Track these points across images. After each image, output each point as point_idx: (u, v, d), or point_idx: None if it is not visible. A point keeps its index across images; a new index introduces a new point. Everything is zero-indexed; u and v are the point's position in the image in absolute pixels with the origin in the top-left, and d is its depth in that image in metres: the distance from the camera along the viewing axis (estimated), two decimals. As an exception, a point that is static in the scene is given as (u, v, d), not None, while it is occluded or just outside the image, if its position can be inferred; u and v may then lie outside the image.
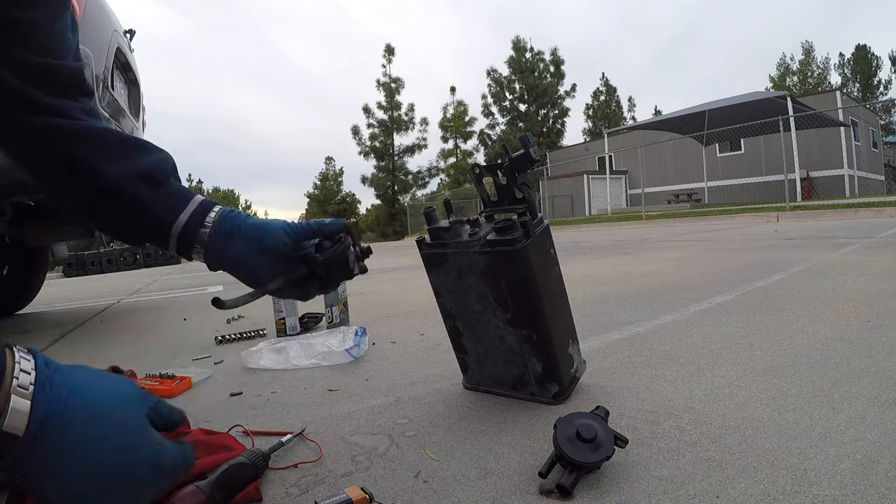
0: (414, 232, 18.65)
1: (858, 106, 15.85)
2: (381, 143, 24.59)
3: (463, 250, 0.77)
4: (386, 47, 24.16)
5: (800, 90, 27.97)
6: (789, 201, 8.39)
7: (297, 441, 0.73)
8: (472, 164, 0.81)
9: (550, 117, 26.15)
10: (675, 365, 0.97)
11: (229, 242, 0.61)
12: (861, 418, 0.67)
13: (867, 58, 29.86)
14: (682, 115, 13.73)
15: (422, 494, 0.57)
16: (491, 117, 26.08)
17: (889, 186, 16.74)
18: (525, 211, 0.77)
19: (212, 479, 0.54)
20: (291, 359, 1.16)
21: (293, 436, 0.72)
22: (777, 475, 0.55)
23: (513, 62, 25.56)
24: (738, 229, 5.83)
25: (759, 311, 1.39)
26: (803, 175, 13.07)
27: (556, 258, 0.82)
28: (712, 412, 0.73)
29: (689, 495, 0.52)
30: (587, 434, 0.57)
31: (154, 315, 2.38)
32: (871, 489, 0.50)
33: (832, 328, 1.15)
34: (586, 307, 1.64)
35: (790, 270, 2.13)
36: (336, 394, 0.95)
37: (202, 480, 0.53)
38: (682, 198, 14.30)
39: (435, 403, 0.85)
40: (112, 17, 1.90)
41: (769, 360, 0.95)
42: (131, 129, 1.98)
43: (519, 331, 0.78)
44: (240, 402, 0.94)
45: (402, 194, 25.40)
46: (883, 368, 0.86)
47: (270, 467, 0.64)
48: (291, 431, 0.74)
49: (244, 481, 0.57)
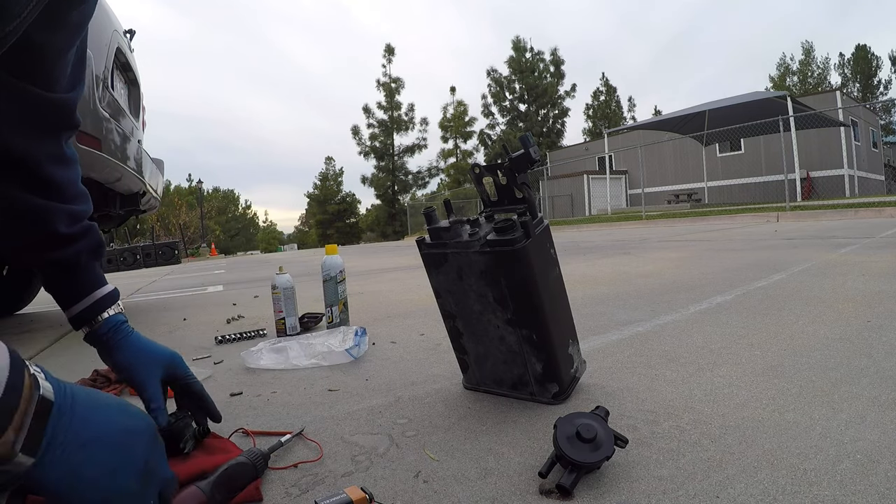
0: (414, 232, 18.65)
1: (858, 106, 15.84)
2: (381, 143, 24.60)
3: (463, 250, 0.77)
4: (386, 47, 24.21)
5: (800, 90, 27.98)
6: (789, 201, 8.38)
7: (297, 441, 0.73)
8: (472, 164, 0.81)
9: (550, 117, 26.15)
10: (675, 365, 0.97)
11: (114, 351, 0.66)
12: (861, 418, 0.67)
13: (867, 58, 29.86)
14: (682, 115, 13.73)
15: (422, 494, 0.57)
16: (491, 117, 26.11)
17: (889, 186, 16.74)
18: (525, 211, 0.77)
19: (212, 479, 0.54)
20: (291, 359, 1.16)
21: (292, 436, 0.72)
22: (777, 475, 0.55)
23: (513, 62, 25.56)
24: (738, 229, 5.83)
25: (759, 311, 1.39)
26: (803, 175, 13.07)
27: (556, 258, 0.82)
28: (712, 412, 0.73)
29: (689, 495, 0.52)
30: (587, 434, 0.57)
31: (154, 315, 2.38)
32: (871, 489, 0.50)
33: (832, 328, 1.15)
34: (586, 307, 1.64)
35: (790, 270, 2.13)
36: (336, 394, 0.95)
37: (202, 481, 0.53)
38: (682, 198, 14.29)
39: (435, 403, 0.85)
40: (112, 17, 1.90)
41: (769, 360, 0.95)
42: (131, 129, 1.98)
43: (519, 331, 0.78)
44: (240, 402, 0.94)
45: (402, 194, 25.41)
46: (883, 368, 0.86)
47: (270, 467, 0.64)
48: (291, 431, 0.74)
49: (244, 481, 0.57)
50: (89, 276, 0.67)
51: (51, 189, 0.61)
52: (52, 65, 0.55)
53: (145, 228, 18.57)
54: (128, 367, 0.65)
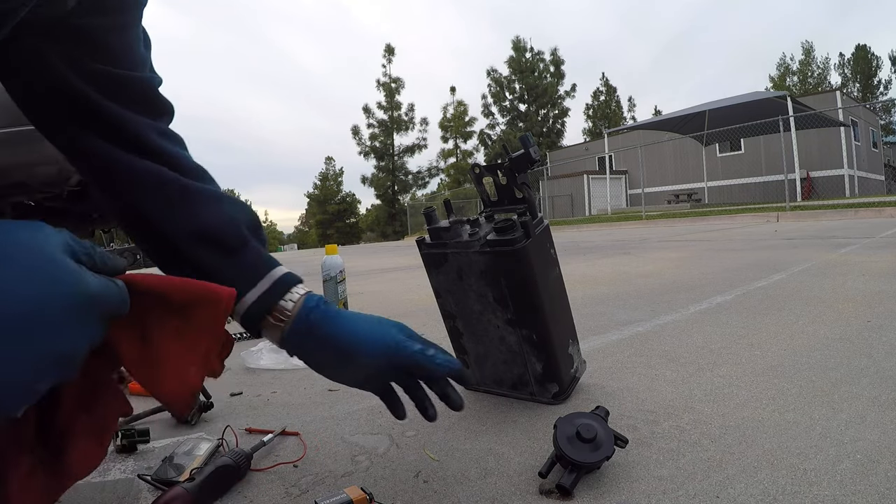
0: (414, 232, 18.65)
1: (858, 106, 15.84)
2: (381, 143, 24.59)
3: (463, 250, 0.77)
4: (386, 47, 24.19)
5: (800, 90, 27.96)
6: (789, 201, 8.38)
7: (295, 440, 0.74)
8: (472, 164, 0.81)
9: (550, 117, 26.15)
10: (675, 365, 0.97)
11: (307, 342, 0.53)
12: (861, 418, 0.67)
13: (867, 58, 29.84)
14: (682, 115, 13.73)
15: (422, 494, 0.57)
16: (491, 117, 26.09)
17: (889, 186, 16.73)
18: (525, 211, 0.77)
19: (198, 480, 0.55)
20: (291, 359, 1.16)
21: (273, 435, 0.73)
22: (777, 475, 0.55)
23: (513, 62, 25.55)
24: (738, 229, 5.83)
25: (759, 311, 1.39)
26: (803, 175, 13.07)
27: (556, 258, 0.82)
28: (712, 412, 0.73)
29: (689, 495, 0.52)
30: (587, 434, 0.57)
31: (154, 315, 2.38)
32: (871, 489, 0.50)
33: (832, 328, 1.15)
34: (586, 307, 1.64)
35: (790, 270, 2.13)
36: (336, 394, 0.95)
37: (189, 482, 0.54)
38: (682, 198, 14.29)
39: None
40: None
41: (769, 360, 0.95)
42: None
43: (519, 331, 0.78)
44: (240, 401, 0.94)
45: (402, 194, 25.40)
46: (883, 368, 0.86)
47: (253, 468, 0.64)
48: (297, 432, 0.75)
49: (230, 482, 0.59)
50: (258, 254, 0.54)
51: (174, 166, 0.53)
52: (119, 43, 0.51)
53: (145, 228, 18.53)
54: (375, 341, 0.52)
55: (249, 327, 0.53)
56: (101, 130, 0.51)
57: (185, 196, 0.52)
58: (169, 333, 0.39)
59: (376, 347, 0.53)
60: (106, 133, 0.51)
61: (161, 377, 0.39)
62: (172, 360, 0.39)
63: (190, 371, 0.40)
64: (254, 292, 0.51)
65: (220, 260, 0.52)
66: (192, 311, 0.40)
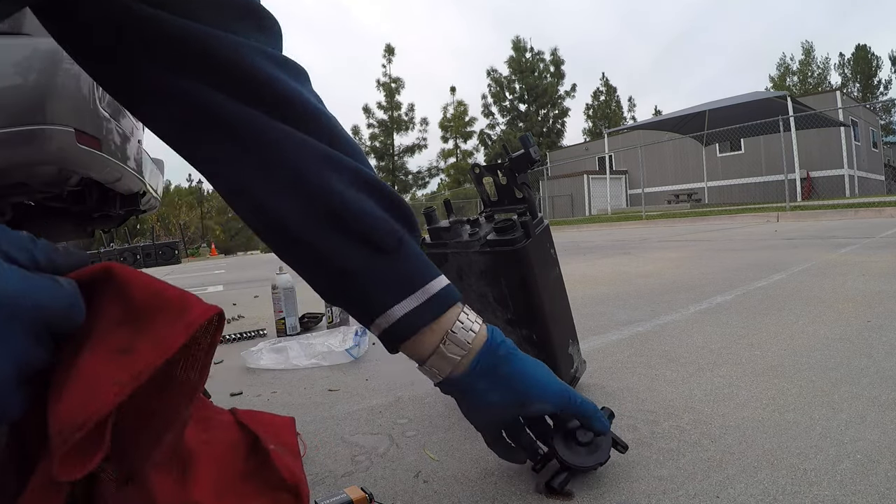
0: (414, 232, 18.59)
1: (858, 106, 15.85)
2: (381, 143, 24.59)
3: (463, 250, 0.77)
4: (386, 47, 24.15)
5: (800, 90, 27.94)
6: (789, 201, 8.38)
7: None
8: (472, 164, 0.81)
9: (550, 117, 26.14)
10: (675, 365, 0.97)
11: (481, 381, 0.44)
12: (861, 418, 0.67)
13: (867, 58, 29.84)
14: (682, 115, 13.73)
15: (422, 494, 0.57)
16: (491, 117, 26.09)
17: (889, 186, 16.73)
18: (525, 211, 0.77)
19: None
20: (291, 359, 1.16)
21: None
22: (777, 475, 0.55)
23: (513, 62, 25.56)
24: (738, 229, 5.83)
25: (759, 311, 1.39)
26: (803, 175, 13.07)
27: (556, 258, 0.82)
28: (712, 412, 0.73)
29: (689, 495, 0.52)
30: (583, 437, 0.56)
31: (154, 315, 2.38)
32: (871, 489, 0.50)
33: (832, 328, 1.15)
34: (586, 307, 1.64)
35: (790, 270, 2.12)
36: (336, 394, 0.95)
37: None
38: (682, 198, 14.30)
39: (435, 403, 0.85)
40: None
41: (769, 360, 0.95)
42: (131, 128, 1.98)
43: (519, 331, 0.78)
44: (240, 402, 0.94)
45: (402, 194, 25.34)
46: (883, 368, 0.86)
47: None
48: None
49: None
50: (417, 258, 0.45)
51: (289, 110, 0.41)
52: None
53: (145, 228, 18.59)
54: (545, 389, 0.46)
55: (390, 344, 0.46)
56: (190, 66, 0.38)
57: (352, 186, 0.41)
58: (106, 337, 0.29)
59: (553, 393, 0.49)
60: (200, 69, 0.38)
61: (66, 388, 0.27)
62: (90, 369, 0.27)
63: (107, 389, 0.27)
64: (405, 304, 0.43)
65: (368, 257, 0.42)
66: (148, 317, 0.30)
